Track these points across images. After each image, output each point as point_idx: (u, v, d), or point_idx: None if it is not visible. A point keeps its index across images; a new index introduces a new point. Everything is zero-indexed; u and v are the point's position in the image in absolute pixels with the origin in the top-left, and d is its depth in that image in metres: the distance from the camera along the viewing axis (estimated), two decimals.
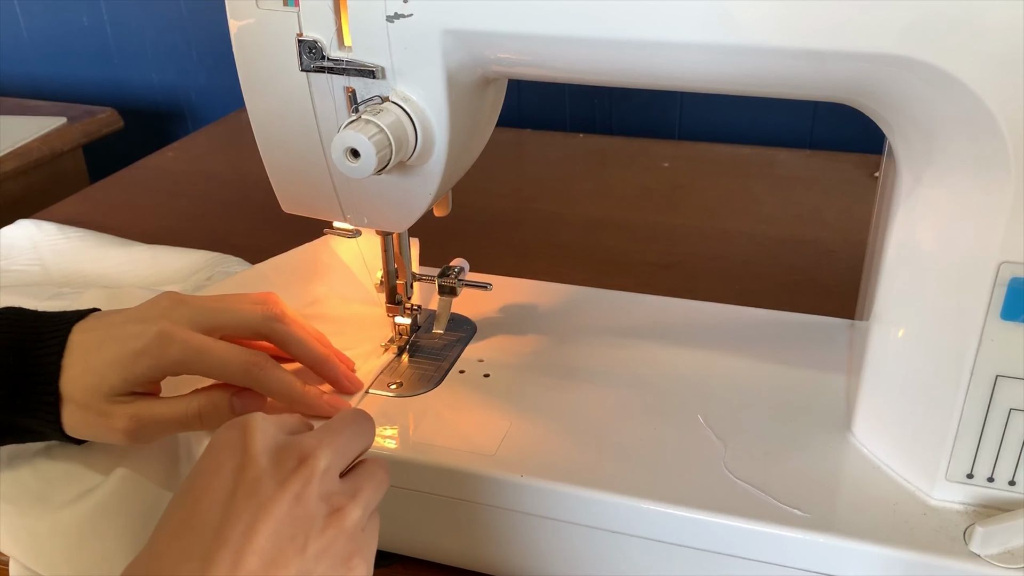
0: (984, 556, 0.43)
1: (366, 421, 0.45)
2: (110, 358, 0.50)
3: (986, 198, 0.41)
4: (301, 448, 0.40)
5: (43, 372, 0.50)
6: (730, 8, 0.41)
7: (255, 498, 0.37)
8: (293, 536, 0.37)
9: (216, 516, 0.37)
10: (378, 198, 0.53)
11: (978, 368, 0.44)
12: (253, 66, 0.50)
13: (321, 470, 0.39)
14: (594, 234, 0.89)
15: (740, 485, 0.48)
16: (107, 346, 0.51)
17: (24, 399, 0.51)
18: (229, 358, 0.51)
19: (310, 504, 0.38)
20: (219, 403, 0.52)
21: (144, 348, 0.50)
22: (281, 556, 0.37)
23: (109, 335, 0.51)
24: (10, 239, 0.85)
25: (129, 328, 0.51)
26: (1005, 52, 0.38)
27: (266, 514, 0.37)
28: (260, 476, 0.38)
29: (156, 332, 0.50)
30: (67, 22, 1.37)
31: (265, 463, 0.39)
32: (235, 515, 0.37)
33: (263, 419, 0.41)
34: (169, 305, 0.52)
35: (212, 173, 1.08)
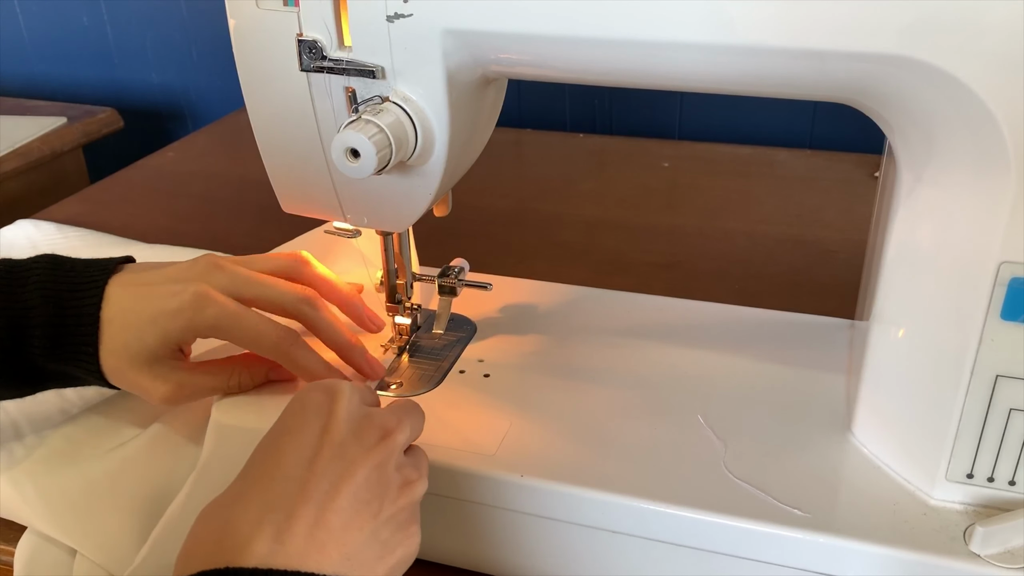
0: (984, 556, 0.43)
1: (421, 411, 0.48)
2: (148, 316, 0.51)
3: (986, 198, 0.41)
4: (384, 422, 0.43)
5: (82, 323, 0.51)
6: (730, 8, 0.41)
7: (340, 460, 0.40)
8: (370, 500, 0.40)
9: (300, 472, 0.39)
10: (378, 198, 0.53)
11: (978, 368, 0.44)
12: (253, 66, 0.50)
13: (401, 444, 0.43)
14: (594, 234, 0.89)
15: (740, 485, 0.48)
16: (145, 302, 0.52)
17: (65, 348, 0.52)
18: (262, 329, 0.52)
19: (388, 473, 0.41)
20: (257, 375, 0.54)
21: (180, 308, 0.51)
22: (358, 517, 0.39)
23: (148, 292, 0.52)
24: (9, 239, 0.85)
25: (167, 287, 0.52)
26: (1005, 52, 0.38)
27: (350, 476, 0.40)
28: (344, 440, 0.41)
29: (193, 293, 0.51)
30: (67, 22, 1.37)
31: (349, 429, 0.41)
32: (320, 473, 0.39)
33: (350, 387, 0.44)
34: (206, 268, 0.53)
35: (212, 173, 1.08)
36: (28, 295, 0.51)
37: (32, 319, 0.51)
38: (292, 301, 0.54)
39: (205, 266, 0.53)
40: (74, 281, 0.52)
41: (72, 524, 0.53)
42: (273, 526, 0.37)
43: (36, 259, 0.53)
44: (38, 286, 0.52)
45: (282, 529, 0.37)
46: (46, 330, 0.51)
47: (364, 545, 0.39)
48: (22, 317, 0.51)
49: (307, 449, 0.40)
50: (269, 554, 0.37)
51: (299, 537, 0.37)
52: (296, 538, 0.37)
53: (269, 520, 0.38)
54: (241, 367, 0.54)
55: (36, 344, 0.51)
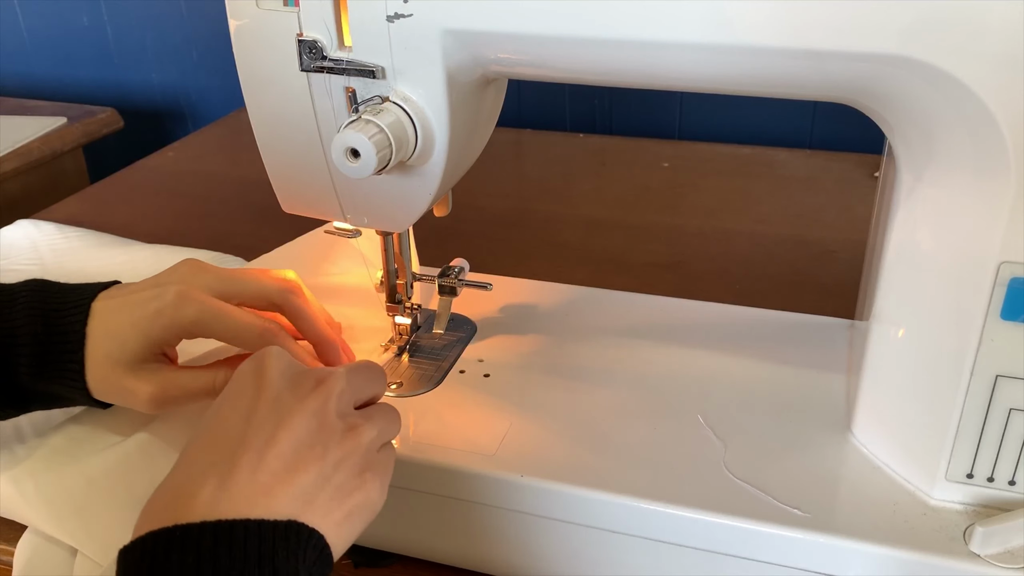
0: (984, 556, 0.43)
1: (379, 370, 0.48)
2: (129, 320, 0.52)
3: (986, 198, 0.41)
4: (318, 373, 0.44)
5: (69, 340, 0.52)
6: (730, 8, 0.41)
7: (276, 412, 0.41)
8: (312, 444, 0.41)
9: (238, 429, 0.40)
10: (378, 198, 0.53)
11: (978, 368, 0.44)
12: (253, 66, 0.50)
13: (337, 391, 0.43)
14: (594, 234, 0.89)
15: (740, 485, 0.48)
16: (127, 309, 0.52)
17: (51, 366, 0.52)
18: (244, 323, 0.52)
19: (329, 418, 0.42)
20: None
21: (161, 308, 0.51)
22: (301, 460, 0.40)
23: (129, 300, 0.53)
24: (9, 239, 0.85)
25: (148, 291, 0.53)
26: (1005, 52, 0.38)
27: (287, 424, 0.40)
28: (279, 394, 0.42)
29: (174, 293, 0.52)
30: (67, 22, 1.37)
31: (283, 383, 0.42)
32: (257, 425, 0.40)
33: (279, 351, 0.44)
34: (188, 271, 0.54)
35: (212, 173, 1.08)
36: (15, 316, 0.52)
37: (18, 338, 0.51)
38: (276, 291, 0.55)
39: (187, 269, 0.54)
40: (61, 301, 0.53)
41: (73, 523, 0.53)
42: (216, 477, 0.38)
43: (24, 283, 0.54)
44: (25, 307, 0.52)
45: (225, 478, 0.38)
46: (32, 348, 0.52)
47: (313, 487, 0.40)
48: (8, 336, 0.51)
49: (244, 410, 0.41)
50: (214, 503, 0.37)
51: (242, 484, 0.38)
52: (239, 485, 0.38)
53: (212, 473, 0.38)
54: (226, 368, 0.54)
55: (22, 363, 0.51)
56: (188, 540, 0.36)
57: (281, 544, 0.37)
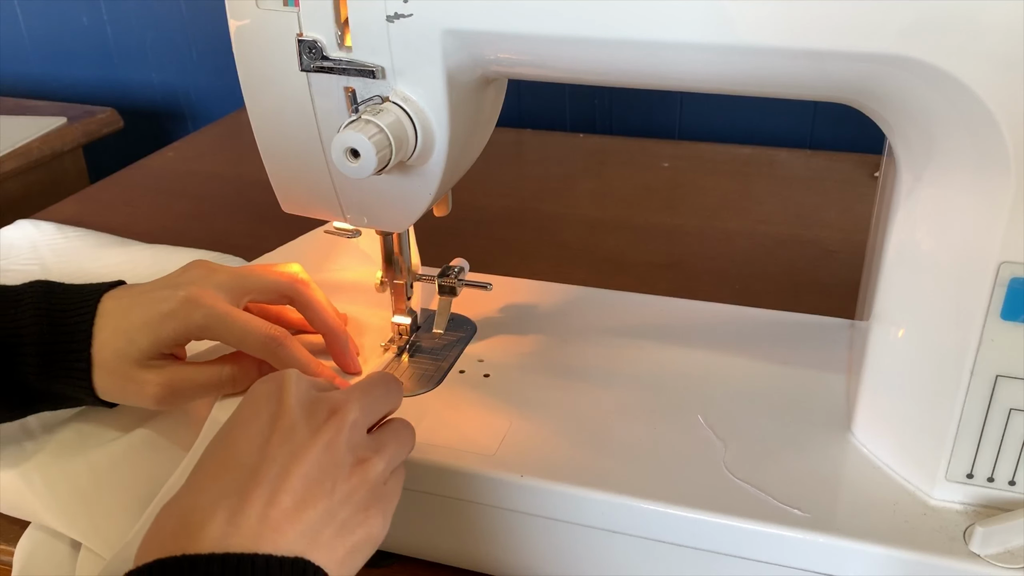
0: (984, 556, 0.43)
1: (395, 383, 0.48)
2: (139, 321, 0.53)
3: (986, 198, 0.41)
4: (332, 402, 0.43)
5: (75, 339, 0.52)
6: (730, 8, 0.41)
7: (289, 444, 0.41)
8: (322, 480, 0.40)
9: (253, 458, 0.40)
10: (378, 198, 0.53)
11: (978, 368, 0.44)
12: (253, 66, 0.50)
13: (350, 422, 0.43)
14: (594, 234, 0.89)
15: (740, 485, 0.48)
16: (136, 310, 0.53)
17: (57, 366, 0.53)
18: (251, 328, 0.53)
19: (339, 452, 0.42)
20: (249, 369, 0.55)
21: (171, 311, 0.52)
22: (310, 496, 0.40)
23: (139, 300, 0.54)
24: (8, 239, 0.85)
25: (158, 293, 0.54)
26: (1005, 52, 0.38)
27: (299, 458, 0.40)
28: (294, 424, 0.41)
29: (184, 296, 0.53)
30: (67, 22, 1.37)
31: (299, 413, 0.42)
32: (271, 458, 0.40)
33: (298, 375, 0.44)
34: (199, 273, 0.55)
35: (212, 173, 1.08)
36: (20, 316, 0.52)
37: (24, 338, 0.52)
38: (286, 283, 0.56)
39: (197, 271, 0.55)
40: (66, 301, 0.54)
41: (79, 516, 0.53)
42: (227, 510, 0.38)
43: (30, 284, 0.54)
44: (30, 307, 0.53)
45: (235, 512, 0.38)
46: (39, 348, 0.52)
47: (320, 523, 0.40)
48: (14, 337, 0.52)
49: (258, 436, 0.41)
50: (223, 536, 0.37)
51: (252, 519, 0.38)
52: (249, 520, 0.38)
53: (223, 505, 0.38)
54: (231, 363, 0.55)
55: (29, 363, 0.52)
56: (195, 572, 0.36)
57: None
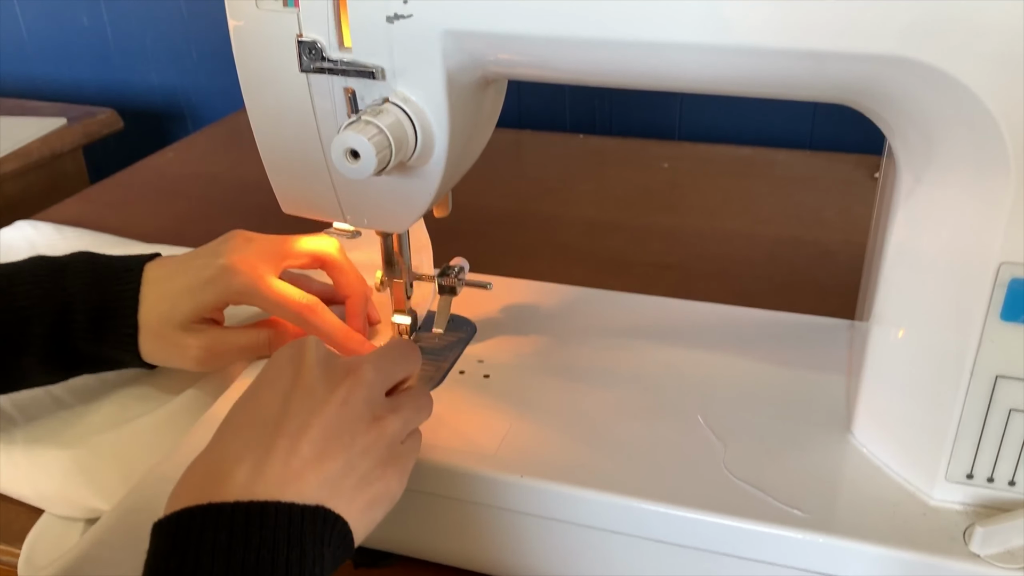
0: (984, 556, 0.43)
1: (412, 350, 0.49)
2: (182, 286, 0.57)
3: (986, 198, 0.41)
4: (349, 363, 0.45)
5: (124, 305, 0.56)
6: (730, 9, 0.41)
7: (310, 399, 0.43)
8: (340, 433, 0.42)
9: (275, 413, 0.42)
10: (378, 199, 0.53)
11: (978, 368, 0.44)
12: (253, 66, 0.50)
13: (366, 381, 0.44)
14: (594, 234, 0.89)
15: (739, 485, 0.48)
16: (179, 276, 0.57)
17: (108, 330, 0.56)
18: (287, 296, 0.57)
19: (356, 407, 0.43)
20: (284, 334, 0.60)
21: (212, 277, 0.56)
22: (330, 448, 0.42)
23: (180, 268, 0.58)
24: (7, 240, 0.85)
25: (199, 260, 0.58)
26: (1005, 52, 0.38)
27: (319, 413, 0.42)
28: (314, 383, 0.43)
29: (223, 264, 0.57)
30: (67, 22, 1.37)
31: (318, 373, 0.44)
32: (292, 413, 0.42)
33: (317, 341, 0.46)
34: (237, 242, 0.58)
35: (212, 174, 1.08)
36: (70, 283, 0.55)
37: (76, 304, 0.55)
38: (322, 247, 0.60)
39: (237, 240, 0.58)
40: (113, 268, 0.57)
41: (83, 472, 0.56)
42: (251, 461, 0.40)
43: (72, 255, 0.58)
44: (78, 276, 0.56)
45: (260, 461, 0.40)
46: (90, 315, 0.55)
47: (340, 473, 0.41)
48: (67, 304, 0.55)
49: (280, 394, 0.43)
50: (248, 484, 0.39)
51: (276, 468, 0.40)
52: (273, 468, 0.40)
53: (248, 456, 0.40)
54: (268, 328, 0.59)
55: (79, 328, 0.55)
56: (222, 518, 0.38)
57: (309, 527, 0.39)
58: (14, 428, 0.59)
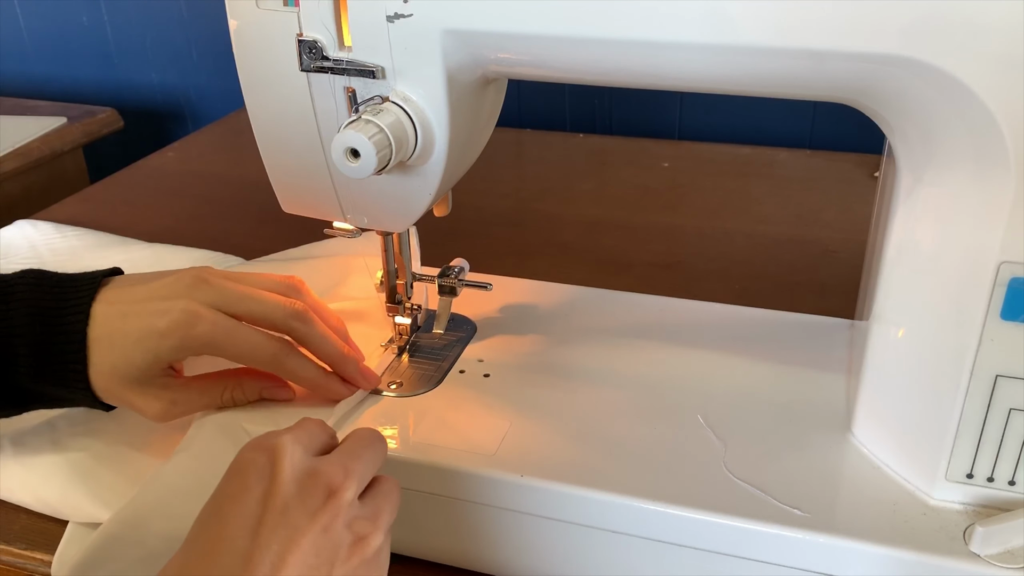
0: (984, 556, 0.43)
1: (380, 442, 0.45)
2: (135, 337, 0.50)
3: (986, 198, 0.41)
4: (329, 479, 0.40)
5: (71, 341, 0.50)
6: (730, 8, 0.41)
7: (284, 528, 0.38)
8: (319, 565, 0.38)
9: (244, 543, 0.37)
10: (378, 198, 0.53)
11: (978, 368, 0.44)
12: (253, 66, 0.50)
13: (348, 502, 0.40)
14: (594, 234, 0.89)
15: (740, 485, 0.48)
16: (131, 322, 0.50)
17: (52, 368, 0.51)
18: (256, 343, 0.51)
19: (336, 534, 0.39)
20: (250, 393, 0.54)
21: (169, 327, 0.50)
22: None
23: (133, 311, 0.51)
24: (7, 239, 0.85)
25: (154, 305, 0.51)
26: (1005, 52, 0.38)
27: (295, 545, 0.37)
28: (288, 504, 0.38)
29: (182, 311, 0.50)
30: (67, 22, 1.37)
31: (293, 491, 0.39)
32: (264, 544, 0.37)
33: (292, 442, 0.41)
34: (193, 283, 0.52)
35: (212, 173, 1.08)
36: (13, 313, 0.50)
37: (17, 338, 0.50)
38: (282, 317, 0.53)
39: (192, 280, 0.52)
40: (59, 297, 0.51)
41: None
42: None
43: (21, 274, 0.52)
44: (22, 303, 0.50)
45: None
46: (32, 349, 0.50)
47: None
48: (6, 336, 0.50)
49: (250, 518, 0.38)
50: None
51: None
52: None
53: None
54: (234, 382, 0.54)
55: (22, 364, 0.50)
56: None
57: None
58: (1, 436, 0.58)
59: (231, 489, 0.39)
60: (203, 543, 0.38)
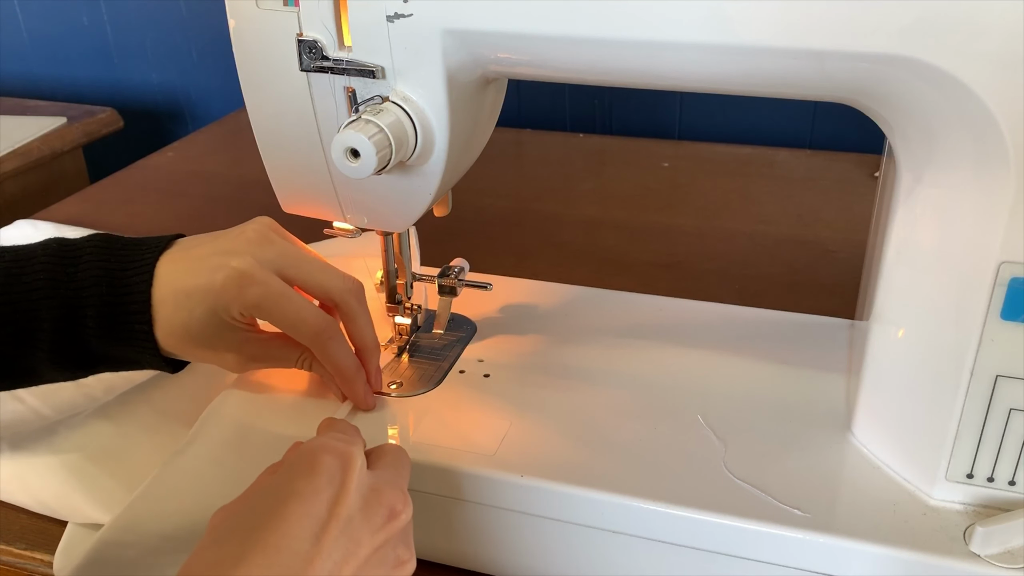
0: (984, 556, 0.43)
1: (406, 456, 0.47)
2: (196, 293, 0.50)
3: (986, 198, 0.41)
4: (392, 502, 0.42)
5: (135, 301, 0.50)
6: (730, 8, 0.41)
7: (346, 540, 0.39)
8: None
9: (306, 546, 0.38)
10: (378, 198, 0.53)
11: (978, 368, 0.44)
12: (253, 66, 0.50)
13: (403, 526, 0.42)
14: (594, 234, 0.89)
15: (740, 485, 0.48)
16: (190, 278, 0.50)
17: (119, 328, 0.51)
18: (305, 316, 0.51)
19: (386, 556, 0.41)
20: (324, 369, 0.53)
21: (224, 285, 0.49)
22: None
23: (194, 266, 0.51)
24: (7, 240, 0.85)
25: (215, 260, 0.50)
26: (1005, 52, 0.38)
27: (354, 558, 0.39)
28: (353, 517, 0.40)
29: (236, 269, 0.49)
30: (67, 22, 1.37)
31: (359, 505, 0.40)
32: (326, 552, 0.38)
33: (362, 458, 0.42)
34: (256, 239, 0.51)
35: (212, 173, 1.08)
36: (80, 275, 0.50)
37: (84, 300, 0.50)
38: (341, 288, 0.52)
39: (256, 236, 0.51)
40: (125, 259, 0.51)
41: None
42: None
43: (89, 238, 0.52)
44: (89, 266, 0.50)
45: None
46: (99, 310, 0.50)
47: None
48: (75, 298, 0.50)
49: (315, 521, 0.39)
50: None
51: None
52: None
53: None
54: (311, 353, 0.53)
55: (90, 326, 0.50)
56: None
57: None
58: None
59: (300, 487, 0.40)
60: (263, 537, 0.38)
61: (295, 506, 0.39)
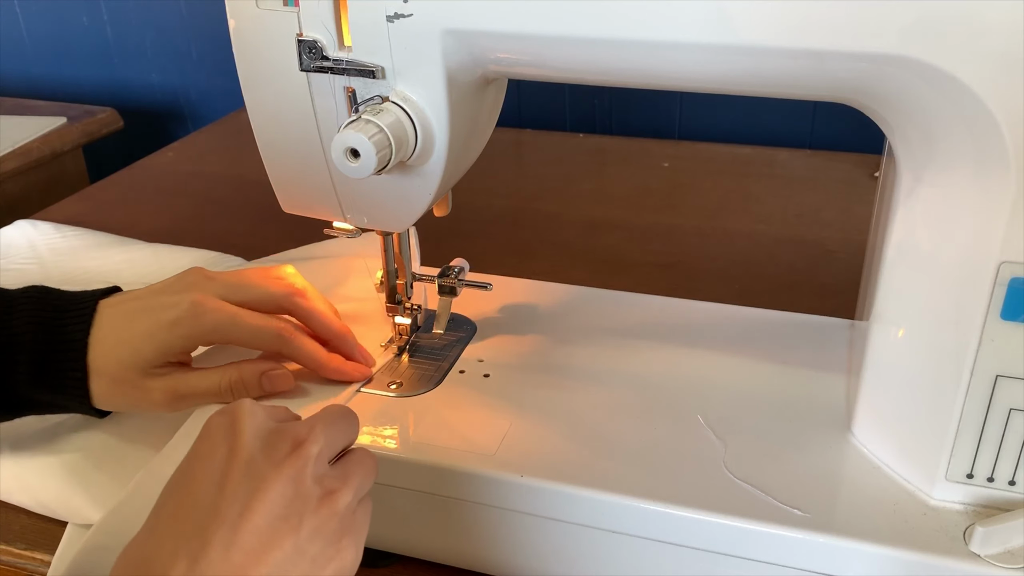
0: (984, 556, 0.43)
1: (352, 416, 0.46)
2: (144, 329, 0.52)
3: (986, 198, 0.41)
4: (295, 433, 0.41)
5: (71, 347, 0.52)
6: (730, 8, 0.41)
7: (249, 478, 0.38)
8: (287, 516, 0.38)
9: (211, 497, 0.38)
10: (378, 198, 0.53)
11: (978, 368, 0.44)
12: (253, 66, 0.50)
13: (315, 454, 0.40)
14: (594, 234, 0.89)
15: (740, 485, 0.48)
16: (140, 318, 0.53)
17: (50, 374, 0.52)
18: (261, 325, 0.54)
19: (305, 485, 0.39)
20: (249, 378, 0.54)
21: (179, 318, 0.52)
22: (276, 534, 0.38)
23: (140, 307, 0.53)
24: (7, 239, 0.85)
25: (161, 299, 0.53)
26: (1005, 52, 0.38)
27: (262, 494, 0.38)
28: (253, 458, 0.39)
29: (190, 302, 0.52)
30: (67, 22, 1.37)
31: (257, 446, 0.40)
32: (230, 495, 0.38)
33: (252, 405, 0.42)
34: (196, 279, 0.55)
35: (212, 173, 1.08)
36: (14, 322, 0.52)
37: (18, 345, 0.52)
38: (283, 294, 0.55)
39: (194, 278, 0.55)
40: (61, 309, 0.53)
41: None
42: (187, 556, 0.36)
43: (25, 290, 0.54)
44: (25, 314, 0.52)
45: (197, 557, 0.36)
46: (32, 356, 0.52)
47: (287, 562, 0.37)
48: (7, 344, 0.52)
49: (215, 473, 0.39)
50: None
51: (215, 562, 0.36)
52: (212, 564, 0.36)
53: (183, 551, 0.36)
54: (233, 366, 0.55)
55: (21, 371, 0.52)
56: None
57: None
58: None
59: (197, 451, 0.40)
60: (172, 504, 0.39)
61: (196, 467, 0.39)
